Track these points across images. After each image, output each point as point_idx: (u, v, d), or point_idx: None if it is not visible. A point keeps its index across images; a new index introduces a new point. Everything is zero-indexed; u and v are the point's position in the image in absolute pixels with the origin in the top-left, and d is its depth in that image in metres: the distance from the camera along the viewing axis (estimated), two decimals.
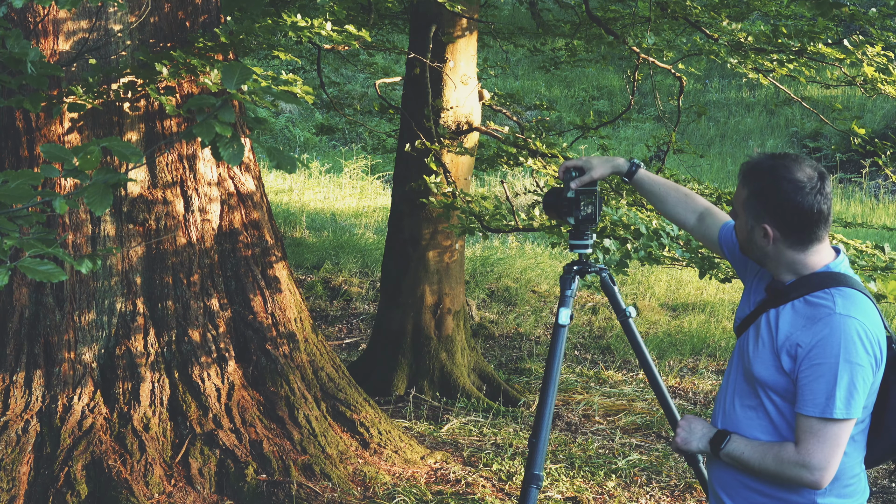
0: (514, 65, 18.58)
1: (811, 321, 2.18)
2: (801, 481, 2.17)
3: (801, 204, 2.20)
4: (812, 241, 2.25)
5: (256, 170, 4.58)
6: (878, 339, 2.18)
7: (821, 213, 2.21)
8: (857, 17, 5.21)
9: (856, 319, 2.15)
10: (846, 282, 2.22)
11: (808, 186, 2.19)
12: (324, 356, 4.63)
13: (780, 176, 2.22)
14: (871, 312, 2.20)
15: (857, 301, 2.19)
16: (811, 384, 2.14)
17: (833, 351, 2.13)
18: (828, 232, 2.27)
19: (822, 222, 2.23)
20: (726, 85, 18.96)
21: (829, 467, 2.14)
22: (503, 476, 4.66)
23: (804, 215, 2.21)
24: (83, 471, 3.84)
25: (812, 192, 2.19)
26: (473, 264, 9.20)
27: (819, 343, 2.14)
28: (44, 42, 3.88)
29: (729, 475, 2.34)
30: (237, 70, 2.11)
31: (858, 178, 14.67)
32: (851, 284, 2.22)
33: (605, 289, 3.06)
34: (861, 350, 2.13)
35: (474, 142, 5.95)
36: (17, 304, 4.00)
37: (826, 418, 2.12)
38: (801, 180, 2.20)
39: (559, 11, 8.61)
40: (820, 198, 2.20)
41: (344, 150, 15.44)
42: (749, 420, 2.29)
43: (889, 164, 5.92)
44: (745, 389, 2.31)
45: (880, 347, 2.19)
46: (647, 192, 2.82)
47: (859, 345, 2.13)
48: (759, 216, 2.26)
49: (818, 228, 2.24)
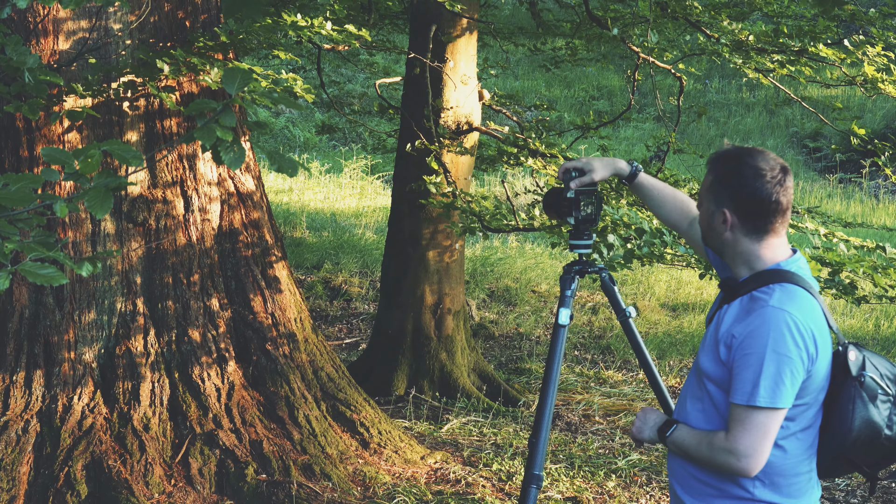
0: (514, 65, 18.58)
1: (747, 313, 2.24)
2: (731, 468, 2.21)
3: (760, 190, 2.25)
4: (768, 232, 2.30)
5: (256, 170, 4.58)
6: (811, 334, 2.20)
7: (778, 203, 2.26)
8: (858, 16, 5.21)
9: (787, 312, 2.18)
10: (791, 279, 2.26)
11: (769, 175, 2.26)
12: (324, 356, 4.63)
13: (743, 162, 2.29)
14: (808, 308, 2.23)
15: (796, 296, 2.23)
16: (740, 373, 2.19)
17: (762, 341, 2.17)
18: (785, 228, 2.32)
19: (778, 213, 2.28)
20: (726, 85, 18.95)
21: (755, 455, 2.18)
22: (503, 476, 4.67)
23: (762, 202, 2.26)
24: (83, 471, 3.84)
25: (772, 182, 2.25)
26: (473, 264, 9.20)
27: (750, 333, 2.20)
28: (44, 42, 3.88)
29: (680, 466, 2.40)
30: (238, 74, 2.11)
31: (858, 178, 14.67)
32: (796, 281, 2.26)
33: (605, 289, 3.06)
34: (790, 342, 2.16)
35: (474, 142, 5.95)
36: (17, 304, 4.00)
37: (751, 406, 2.16)
38: (763, 168, 2.26)
39: (559, 11, 8.61)
40: (779, 188, 2.26)
41: (344, 150, 15.44)
42: (696, 412, 2.35)
43: (889, 164, 5.92)
44: (694, 382, 2.39)
45: (815, 343, 2.20)
46: (645, 196, 2.84)
47: (788, 337, 2.17)
48: (719, 200, 2.32)
49: (775, 219, 2.28)
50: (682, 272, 9.17)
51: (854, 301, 3.99)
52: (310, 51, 7.97)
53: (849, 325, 7.96)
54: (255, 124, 2.51)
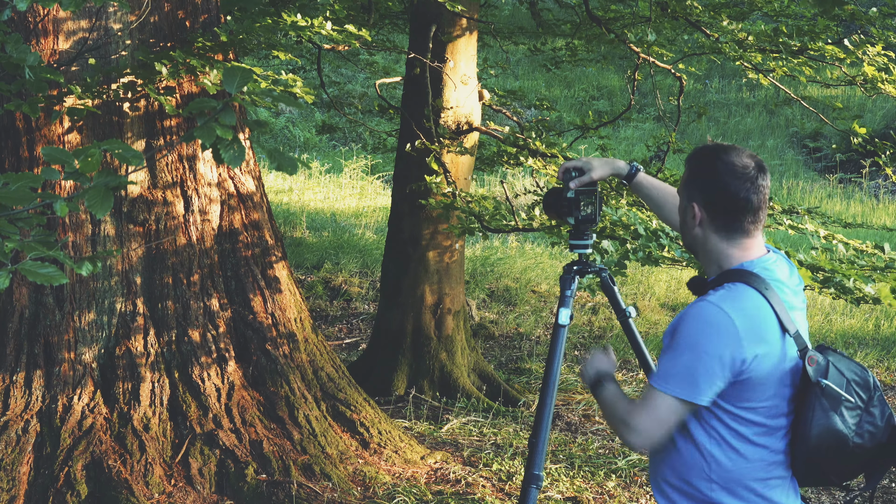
0: (514, 65, 18.58)
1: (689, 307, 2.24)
2: (621, 436, 2.25)
3: (730, 185, 2.21)
4: (737, 231, 2.25)
5: (256, 170, 4.58)
6: (743, 335, 2.12)
7: (749, 201, 2.22)
8: (858, 16, 5.20)
9: (720, 310, 2.14)
10: (746, 278, 2.20)
11: (741, 172, 2.21)
12: (324, 356, 4.63)
13: (717, 157, 2.25)
14: (750, 309, 2.16)
15: (740, 296, 2.17)
16: (661, 357, 2.21)
17: (685, 332, 2.16)
18: (758, 228, 2.26)
19: (749, 211, 2.23)
20: (726, 85, 18.95)
21: (643, 433, 2.19)
22: (503, 476, 4.67)
23: (732, 199, 2.22)
24: (83, 471, 3.84)
25: (744, 178, 2.21)
26: (473, 264, 9.21)
27: (678, 322, 2.19)
28: (44, 42, 3.88)
29: (651, 466, 2.39)
30: (238, 73, 2.11)
31: (858, 178, 14.67)
32: (750, 282, 2.19)
33: (605, 289, 3.06)
34: (712, 339, 2.12)
35: (474, 142, 5.95)
36: (17, 304, 4.00)
37: (658, 389, 2.17)
38: (736, 164, 2.22)
39: (559, 11, 8.61)
40: (750, 186, 2.21)
41: (344, 150, 15.44)
42: None
43: (889, 164, 5.91)
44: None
45: (749, 346, 2.13)
46: (645, 196, 2.83)
47: (712, 334, 2.13)
48: (691, 195, 2.29)
49: (745, 217, 2.23)
50: (682, 272, 9.17)
51: (853, 301, 3.98)
52: (310, 51, 7.98)
53: (849, 325, 7.96)
54: (255, 123, 2.51)
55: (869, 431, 2.18)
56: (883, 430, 2.20)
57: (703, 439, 2.22)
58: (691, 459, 2.25)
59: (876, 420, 2.19)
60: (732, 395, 2.18)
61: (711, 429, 2.22)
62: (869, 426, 2.18)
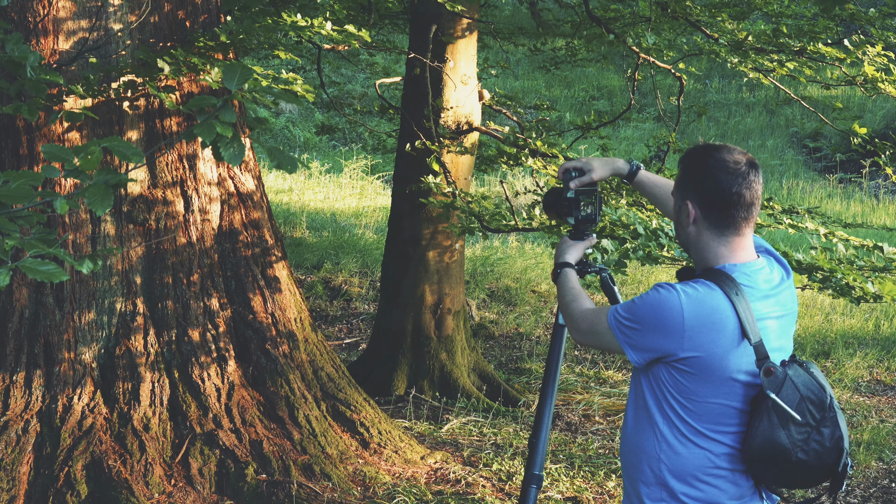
0: (514, 65, 18.58)
1: None
2: (567, 324, 2.52)
3: (721, 181, 2.24)
4: (728, 228, 2.27)
5: (256, 170, 4.58)
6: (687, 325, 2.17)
7: (740, 196, 2.24)
8: (858, 16, 5.21)
9: (675, 292, 2.20)
10: (718, 278, 2.22)
11: (732, 168, 2.24)
12: (324, 356, 4.63)
13: (708, 155, 2.28)
14: (708, 306, 2.18)
15: (702, 291, 2.20)
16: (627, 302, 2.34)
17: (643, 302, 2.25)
18: (749, 227, 2.28)
19: (740, 207, 2.25)
20: (726, 85, 18.95)
21: (579, 330, 2.45)
22: (503, 476, 4.66)
23: (723, 194, 2.24)
24: (83, 471, 3.84)
25: (735, 174, 2.24)
26: (473, 264, 9.20)
27: (649, 292, 2.27)
28: (44, 41, 3.88)
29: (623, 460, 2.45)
30: (238, 70, 2.11)
31: (858, 178, 14.66)
32: (721, 283, 2.21)
33: (605, 289, 3.06)
34: (654, 308, 2.22)
35: (474, 142, 5.95)
36: (17, 304, 4.00)
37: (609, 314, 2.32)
38: (727, 160, 2.25)
39: (559, 11, 8.61)
40: (742, 181, 2.24)
41: (344, 150, 15.44)
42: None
43: (889, 164, 5.91)
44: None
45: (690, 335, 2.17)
46: (648, 194, 2.85)
47: (657, 305, 2.21)
48: (684, 193, 2.32)
49: (737, 213, 2.25)
50: None
51: (854, 300, 3.98)
52: (310, 51, 7.97)
53: (849, 325, 7.96)
54: (255, 120, 2.51)
55: (815, 450, 2.19)
56: (830, 450, 2.20)
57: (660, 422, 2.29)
58: (650, 440, 2.31)
59: (824, 440, 2.19)
60: (677, 387, 2.24)
61: (667, 415, 2.28)
62: (816, 445, 2.19)
